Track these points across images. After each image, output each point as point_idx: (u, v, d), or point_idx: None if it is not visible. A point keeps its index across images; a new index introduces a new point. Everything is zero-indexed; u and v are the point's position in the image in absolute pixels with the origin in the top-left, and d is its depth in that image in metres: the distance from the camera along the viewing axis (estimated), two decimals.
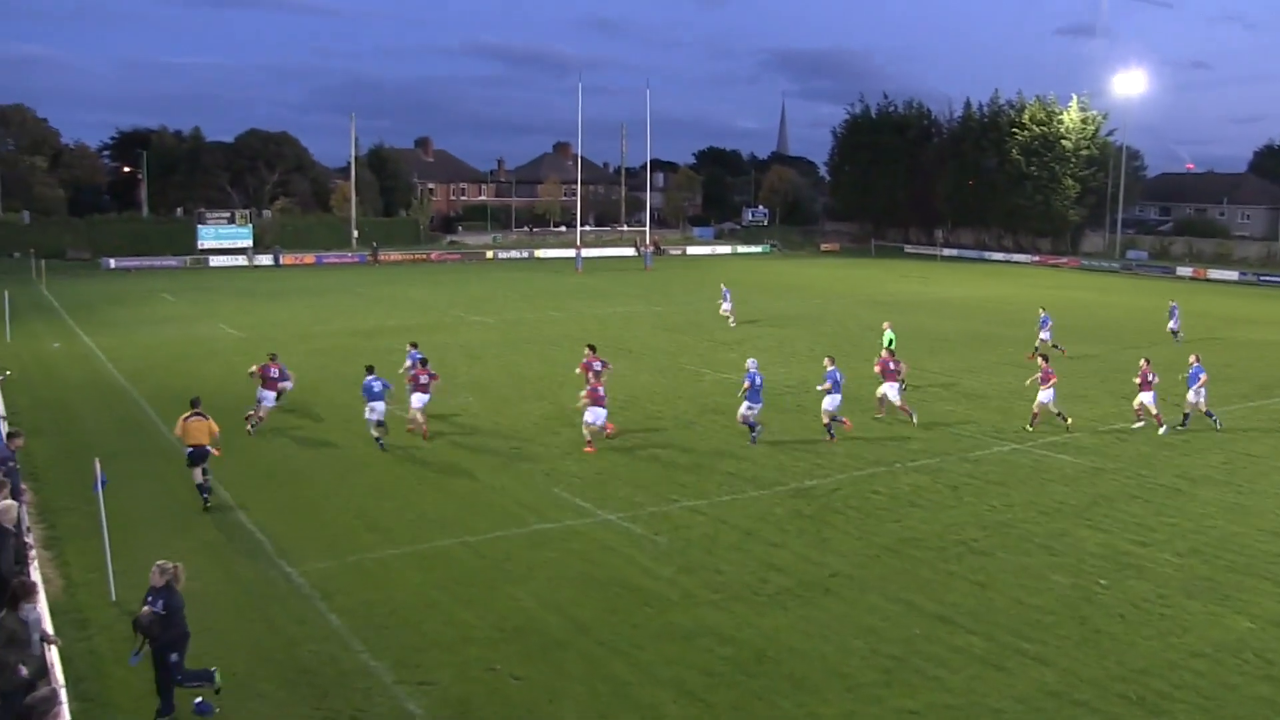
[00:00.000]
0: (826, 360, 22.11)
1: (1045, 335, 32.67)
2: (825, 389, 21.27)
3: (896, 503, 17.21)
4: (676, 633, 12.30)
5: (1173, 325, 36.67)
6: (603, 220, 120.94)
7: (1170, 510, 17.00)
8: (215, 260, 77.55)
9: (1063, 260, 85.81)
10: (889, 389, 22.61)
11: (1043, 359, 22.53)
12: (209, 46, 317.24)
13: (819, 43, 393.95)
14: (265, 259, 78.93)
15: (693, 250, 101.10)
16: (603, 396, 20.31)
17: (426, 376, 21.08)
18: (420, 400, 20.87)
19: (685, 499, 17.22)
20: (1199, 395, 22.36)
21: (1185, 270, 75.06)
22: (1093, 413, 23.85)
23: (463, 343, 34.64)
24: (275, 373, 21.98)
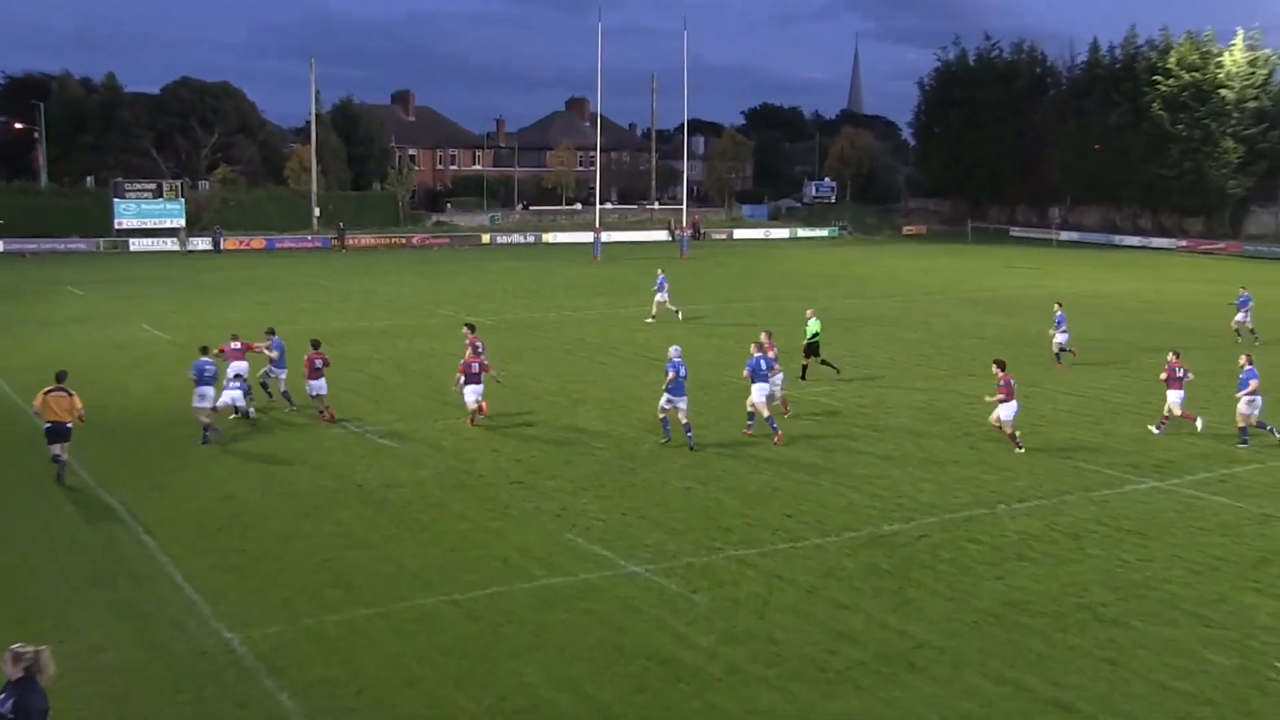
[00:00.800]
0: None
1: (1242, 316, 32.69)
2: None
3: (1000, 554, 16.99)
4: (719, 719, 12.17)
5: (1241, 318, 36.73)
6: (628, 197, 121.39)
7: None
8: (137, 243, 78.49)
9: (1219, 245, 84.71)
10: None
11: (999, 367, 22.77)
12: None
13: None
14: (202, 242, 79.75)
15: (741, 234, 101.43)
16: (477, 373, 23.74)
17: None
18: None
19: (731, 547, 17.11)
20: (1252, 407, 23.07)
21: None
22: (1263, 445, 23.53)
23: (454, 350, 34.76)
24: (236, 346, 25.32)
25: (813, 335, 29.99)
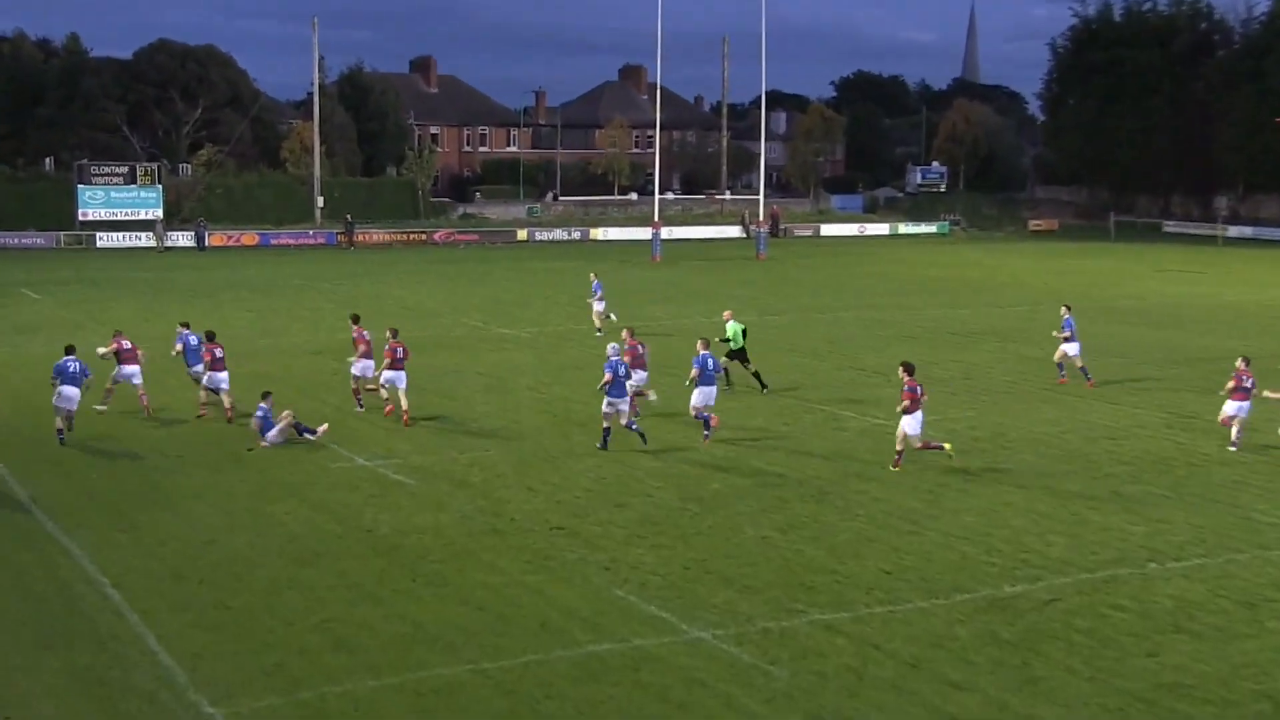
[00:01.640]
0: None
1: None
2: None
3: (1152, 625, 16.76)
4: None
5: None
6: (693, 184, 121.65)
7: None
8: (105, 238, 79.71)
9: None
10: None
11: (905, 372, 23.95)
12: None
13: None
14: (183, 238, 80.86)
15: (830, 229, 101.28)
16: (402, 359, 27.46)
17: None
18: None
19: (816, 609, 17.03)
20: None
21: None
22: None
23: (482, 368, 34.98)
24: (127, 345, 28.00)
25: (731, 338, 31.56)
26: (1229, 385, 25.73)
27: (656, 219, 77.71)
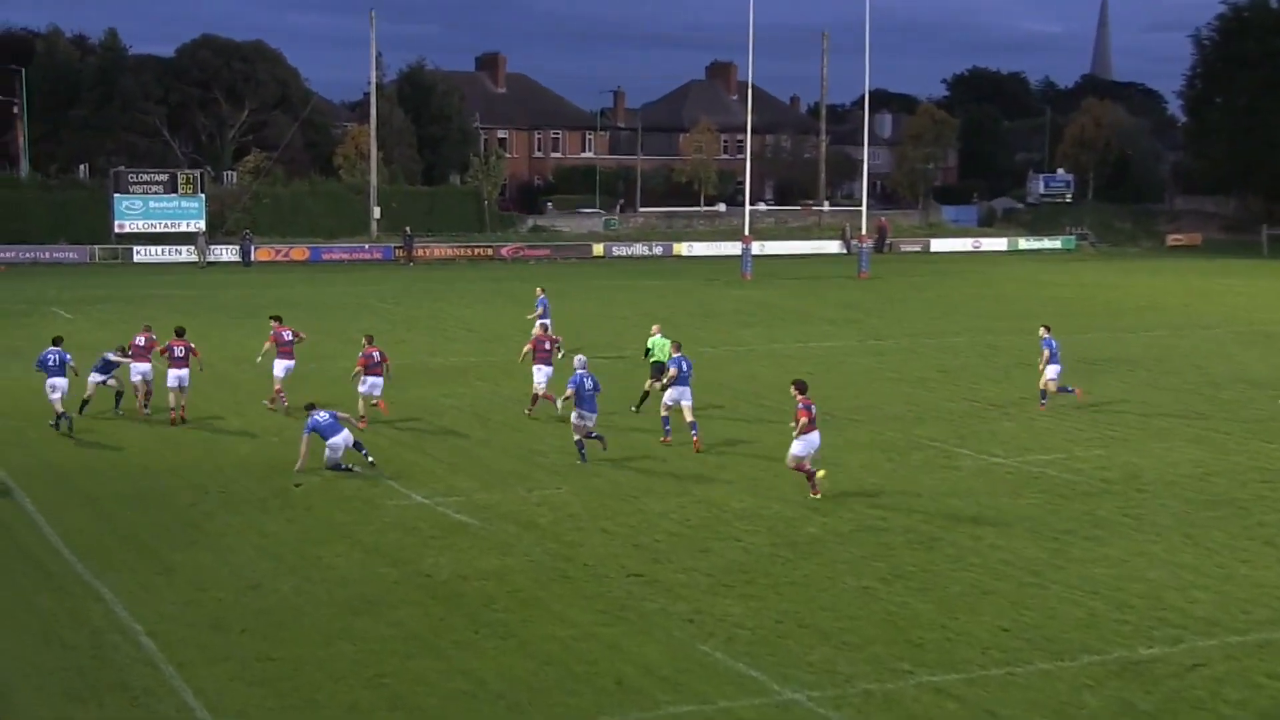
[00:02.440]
0: None
1: None
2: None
3: None
4: None
5: None
6: (788, 194, 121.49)
7: None
8: (143, 252, 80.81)
9: None
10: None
11: (798, 390, 24.94)
12: None
13: None
14: (227, 252, 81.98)
15: (941, 245, 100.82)
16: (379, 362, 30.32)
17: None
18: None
19: (924, 670, 16.90)
20: None
21: None
22: None
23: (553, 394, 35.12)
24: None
25: (653, 350, 33.10)
26: None
27: (747, 233, 77.75)
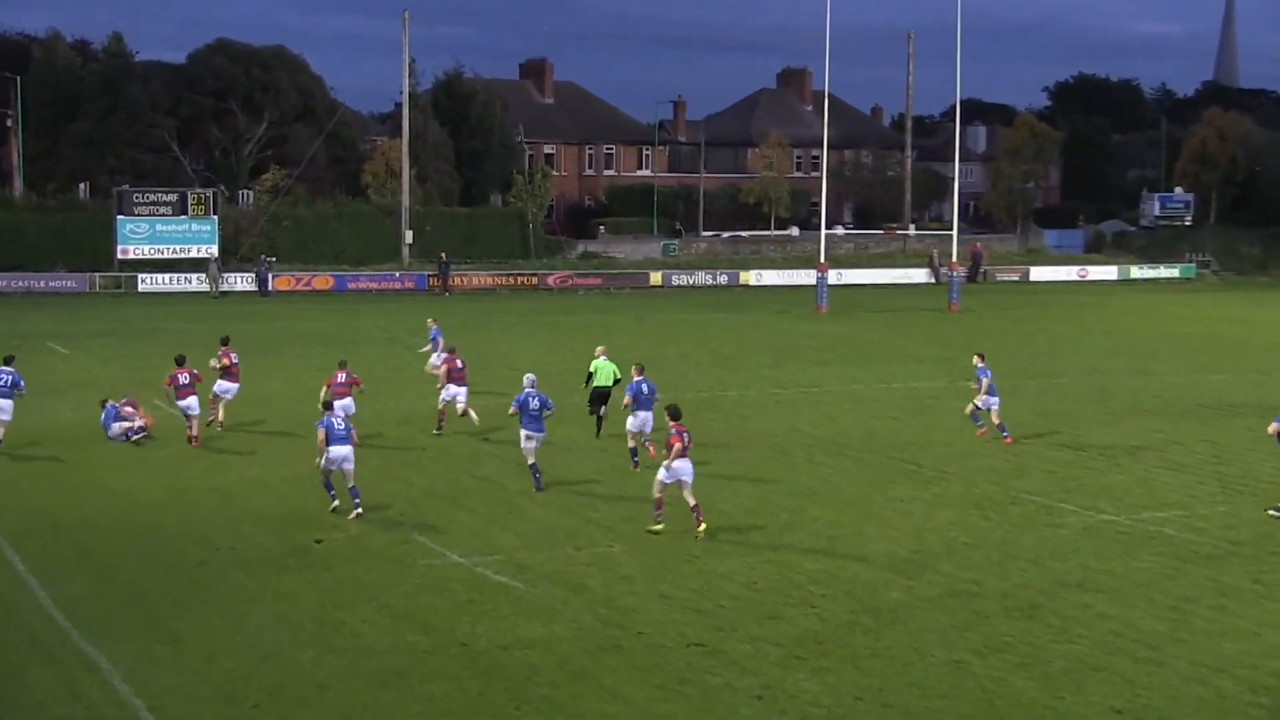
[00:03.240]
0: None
1: None
2: None
3: None
4: None
5: None
6: (869, 217, 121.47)
7: None
8: (149, 280, 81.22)
9: None
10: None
11: (671, 416, 26.61)
12: None
13: None
14: (243, 280, 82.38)
15: (1042, 273, 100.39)
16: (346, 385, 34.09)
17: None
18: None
19: None
20: None
21: None
22: None
23: (605, 443, 35.20)
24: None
25: (595, 374, 35.13)
26: None
27: (823, 259, 77.57)
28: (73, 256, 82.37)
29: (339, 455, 26.85)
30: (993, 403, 35.47)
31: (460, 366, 36.09)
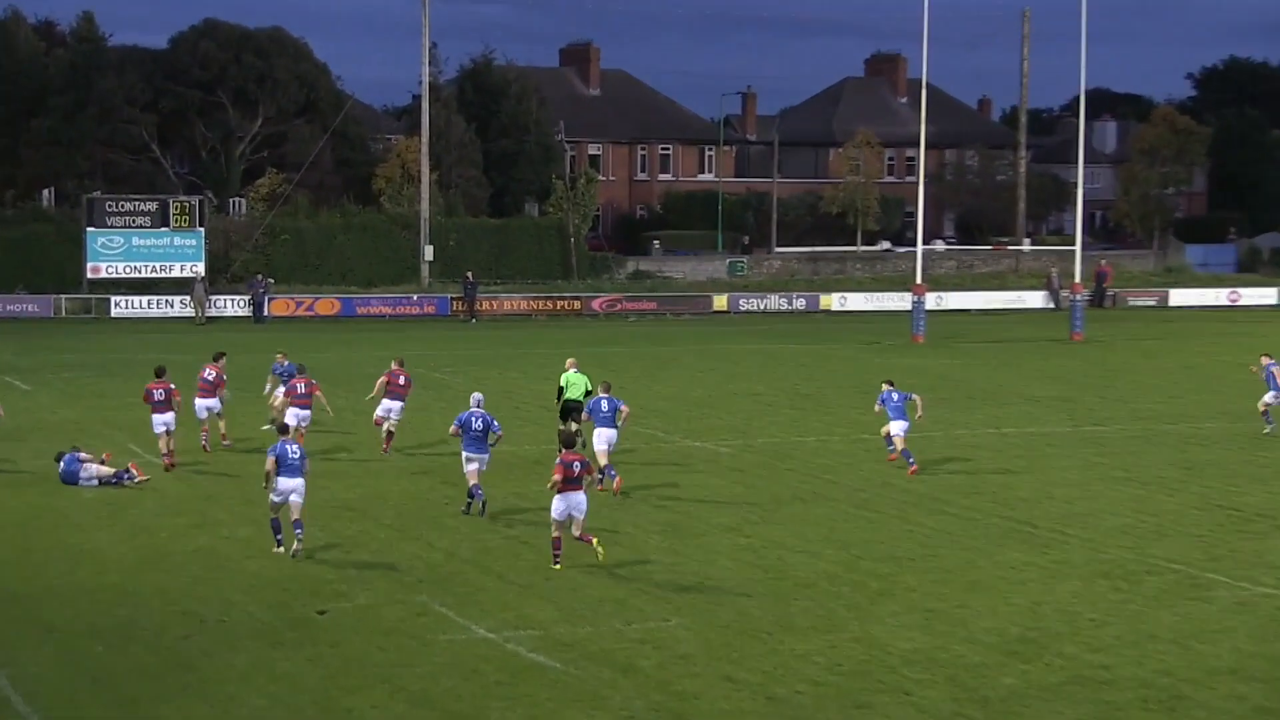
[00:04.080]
0: None
1: None
2: None
3: None
4: None
5: None
6: (975, 229, 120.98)
7: None
8: (124, 304, 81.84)
9: None
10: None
11: (562, 443, 28.10)
12: None
13: None
14: (233, 304, 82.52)
15: (1184, 296, 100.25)
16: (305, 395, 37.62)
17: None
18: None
19: None
20: None
21: None
22: None
23: (661, 498, 35.56)
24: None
25: (565, 388, 38.15)
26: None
27: (919, 280, 77.56)
28: (35, 276, 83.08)
29: (287, 488, 27.98)
30: (898, 428, 38.12)
31: (403, 383, 39.50)
